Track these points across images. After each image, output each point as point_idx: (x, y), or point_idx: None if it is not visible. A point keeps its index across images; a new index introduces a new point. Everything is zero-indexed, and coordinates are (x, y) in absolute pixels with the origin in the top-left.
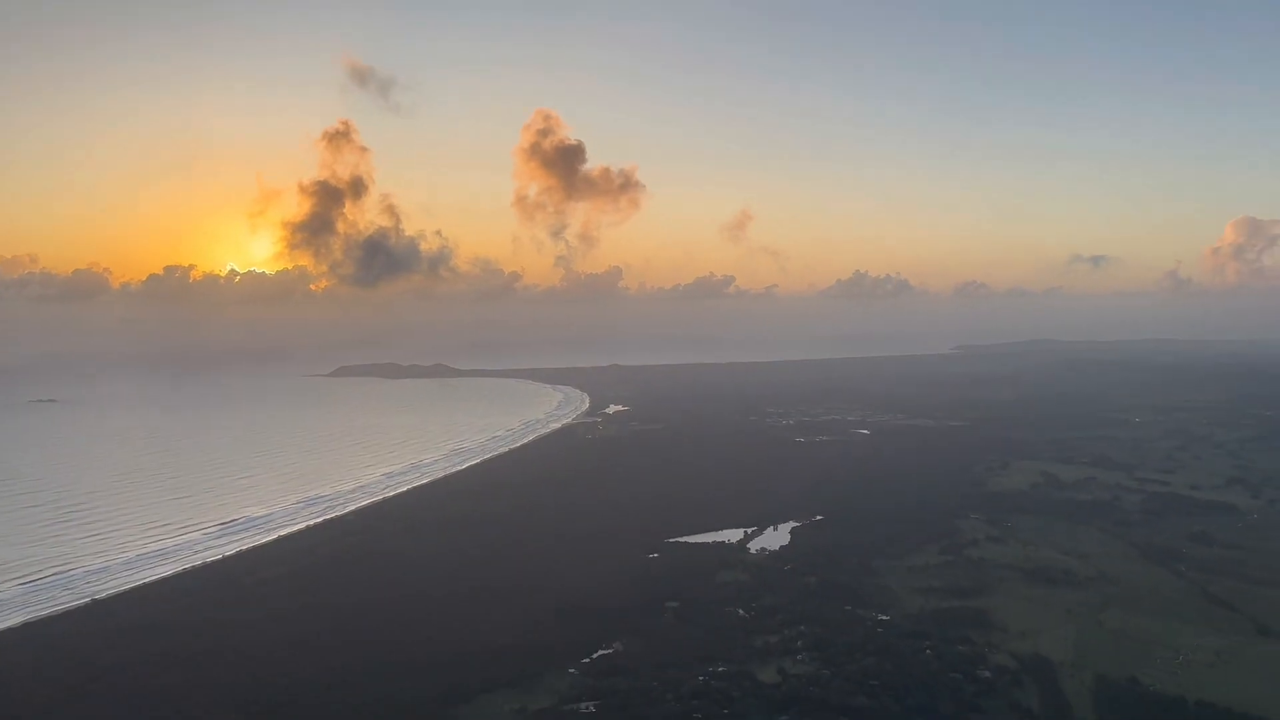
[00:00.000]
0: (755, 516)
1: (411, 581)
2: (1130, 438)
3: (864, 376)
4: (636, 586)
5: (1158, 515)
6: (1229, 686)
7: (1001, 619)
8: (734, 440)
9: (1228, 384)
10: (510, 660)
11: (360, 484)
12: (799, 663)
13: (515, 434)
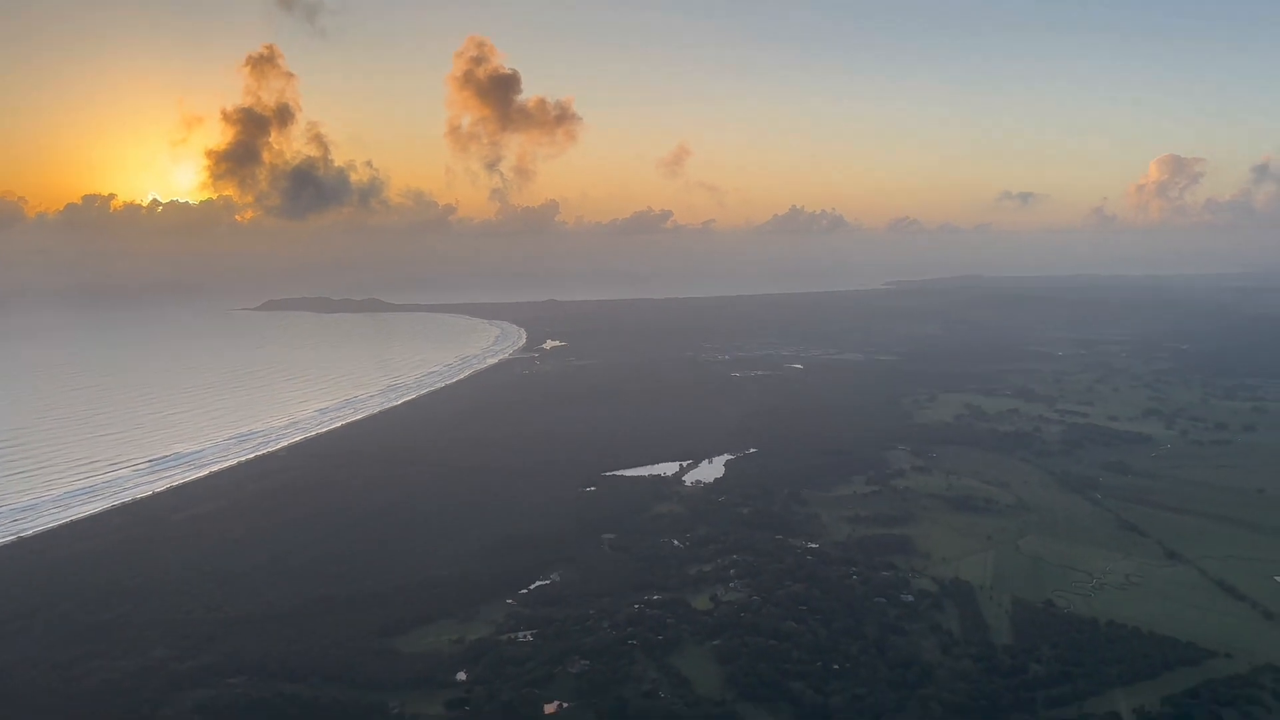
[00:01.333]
0: (690, 450)
1: (347, 517)
2: (1052, 371)
3: (799, 311)
4: (573, 519)
5: (1076, 445)
6: (1138, 607)
7: (925, 546)
8: (670, 375)
9: (1147, 318)
10: (448, 592)
11: (293, 420)
12: (731, 590)
13: (451, 369)
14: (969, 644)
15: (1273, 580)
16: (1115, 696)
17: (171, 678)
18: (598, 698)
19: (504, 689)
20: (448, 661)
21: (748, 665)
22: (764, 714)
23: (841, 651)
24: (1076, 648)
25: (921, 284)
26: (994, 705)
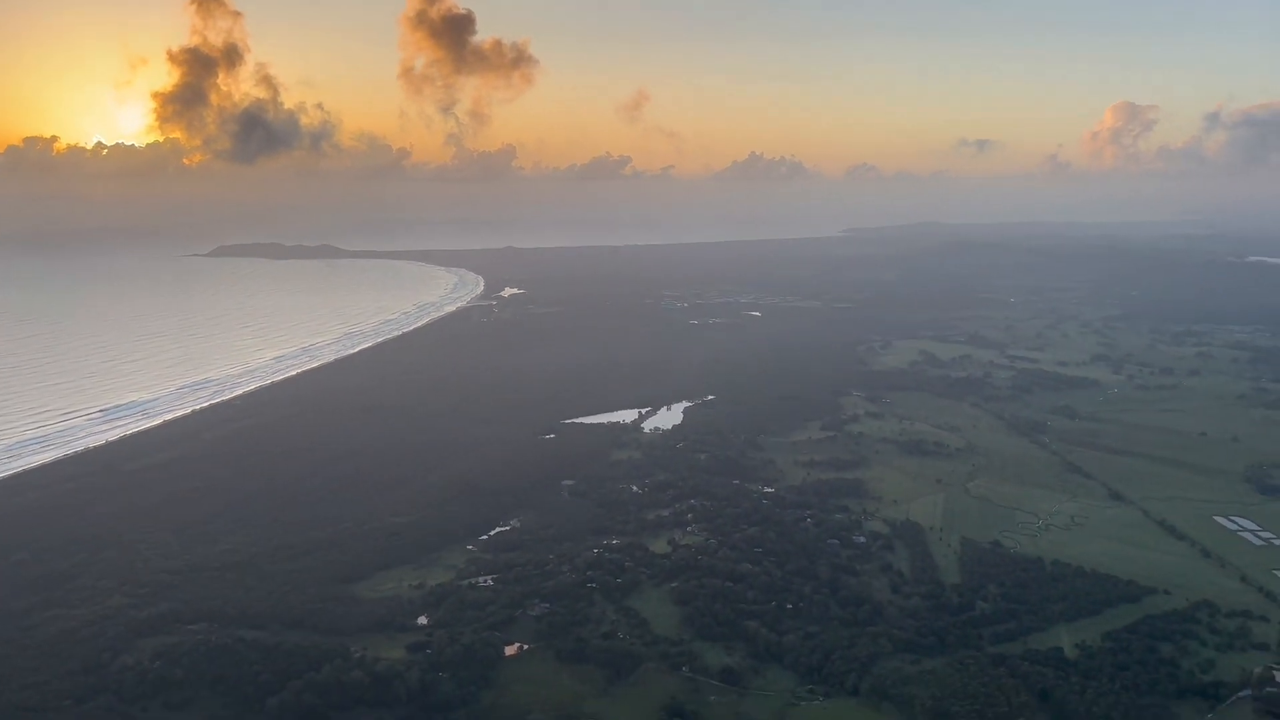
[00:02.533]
0: (649, 397)
1: (305, 465)
2: (1004, 317)
3: (757, 259)
4: (533, 466)
5: (1026, 390)
6: (1082, 547)
7: (877, 489)
8: (630, 323)
9: (1098, 265)
10: (408, 539)
11: (248, 368)
12: (689, 534)
13: (409, 317)
14: (918, 583)
15: (1212, 520)
16: (1059, 632)
17: (130, 625)
18: (557, 639)
19: (465, 632)
20: (408, 606)
21: (704, 606)
22: (720, 652)
23: (795, 592)
24: (1022, 586)
25: (878, 231)
26: (941, 641)
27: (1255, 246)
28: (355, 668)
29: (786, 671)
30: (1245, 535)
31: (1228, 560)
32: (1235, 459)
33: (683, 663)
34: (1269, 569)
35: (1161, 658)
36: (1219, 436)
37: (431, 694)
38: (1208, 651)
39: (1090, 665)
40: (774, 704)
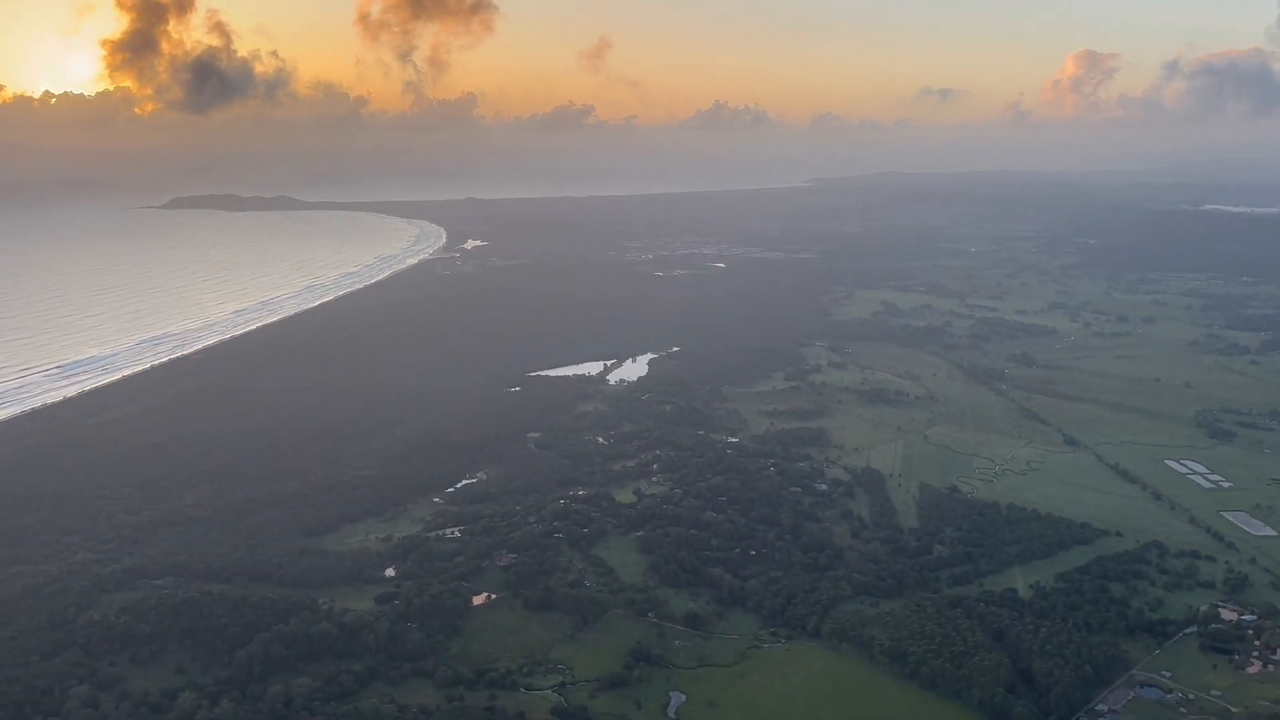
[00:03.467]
0: (614, 349)
1: (268, 419)
2: (965, 267)
3: (721, 209)
4: (498, 419)
5: (984, 339)
6: (1037, 491)
7: (839, 437)
8: (594, 275)
9: (1057, 214)
10: (374, 492)
11: (208, 322)
12: (654, 484)
13: (370, 270)
14: (878, 528)
15: (1163, 464)
16: (1013, 574)
17: (95, 581)
18: (525, 589)
19: (433, 583)
20: (376, 559)
21: (669, 553)
22: (684, 598)
23: (758, 538)
24: (978, 530)
25: (842, 181)
26: (900, 584)
27: (1211, 195)
28: (323, 619)
29: (749, 615)
30: (1195, 478)
31: (1177, 502)
32: (1187, 404)
33: (648, 609)
34: (1217, 510)
35: (1112, 597)
36: (1172, 382)
37: (400, 644)
38: (1157, 590)
39: (1043, 605)
40: (737, 647)
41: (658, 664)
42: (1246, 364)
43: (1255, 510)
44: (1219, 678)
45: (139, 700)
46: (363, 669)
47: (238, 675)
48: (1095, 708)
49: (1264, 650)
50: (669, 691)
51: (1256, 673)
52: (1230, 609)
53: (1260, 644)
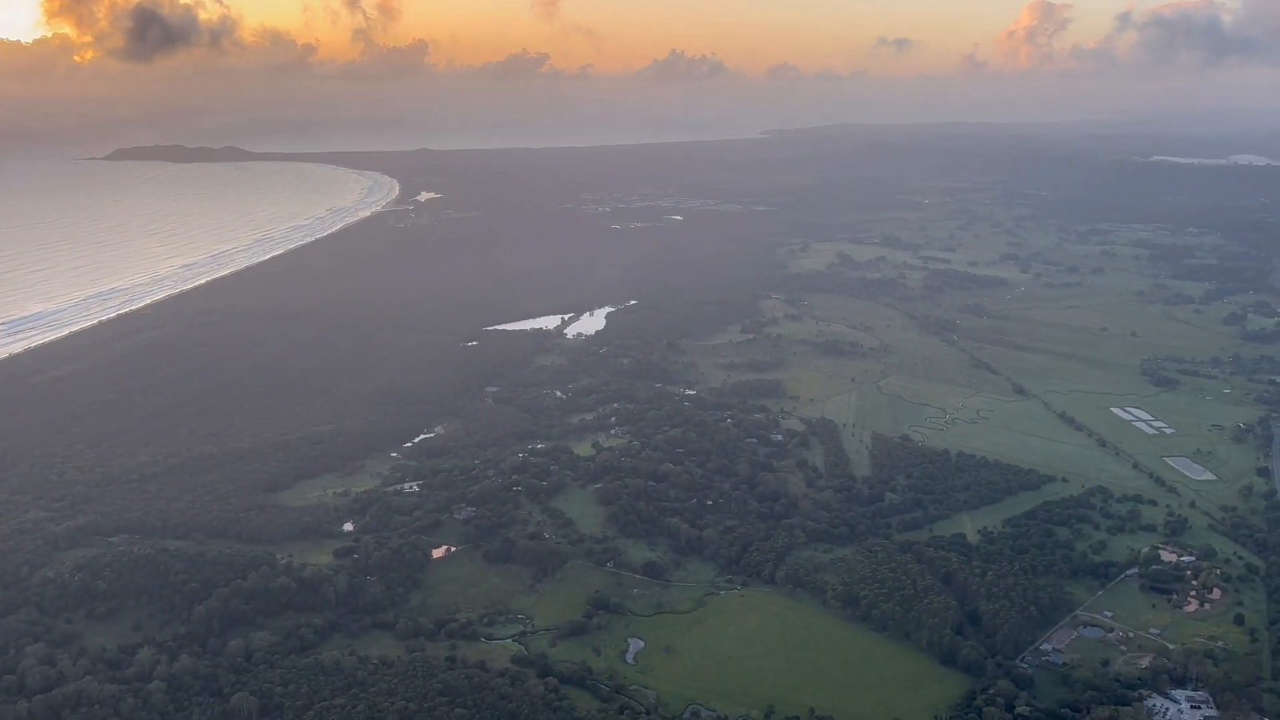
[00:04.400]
0: (572, 303)
1: (221, 375)
2: (919, 218)
3: (679, 162)
4: (456, 373)
5: (937, 290)
6: (986, 439)
7: (794, 388)
8: (551, 228)
9: (1010, 166)
10: (331, 447)
11: (156, 276)
12: (612, 436)
13: (322, 222)
14: (832, 477)
15: (1109, 411)
16: (962, 520)
17: (50, 539)
18: (485, 541)
19: (392, 537)
20: (334, 514)
21: (628, 505)
22: (643, 548)
23: (715, 489)
24: (929, 477)
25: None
26: (852, 531)
27: (1160, 146)
28: (282, 574)
29: (706, 564)
30: (1139, 425)
31: (1122, 449)
32: (1133, 353)
33: (607, 559)
34: (1159, 456)
35: (1058, 541)
36: (1118, 332)
37: (360, 597)
38: (1100, 534)
39: (991, 549)
40: (694, 594)
41: (616, 612)
42: (1191, 313)
43: (1196, 455)
44: (1158, 616)
45: (96, 657)
46: (323, 622)
47: (197, 630)
48: (1040, 647)
49: (1201, 590)
50: (628, 638)
51: (1194, 611)
52: (1170, 551)
53: (1198, 584)
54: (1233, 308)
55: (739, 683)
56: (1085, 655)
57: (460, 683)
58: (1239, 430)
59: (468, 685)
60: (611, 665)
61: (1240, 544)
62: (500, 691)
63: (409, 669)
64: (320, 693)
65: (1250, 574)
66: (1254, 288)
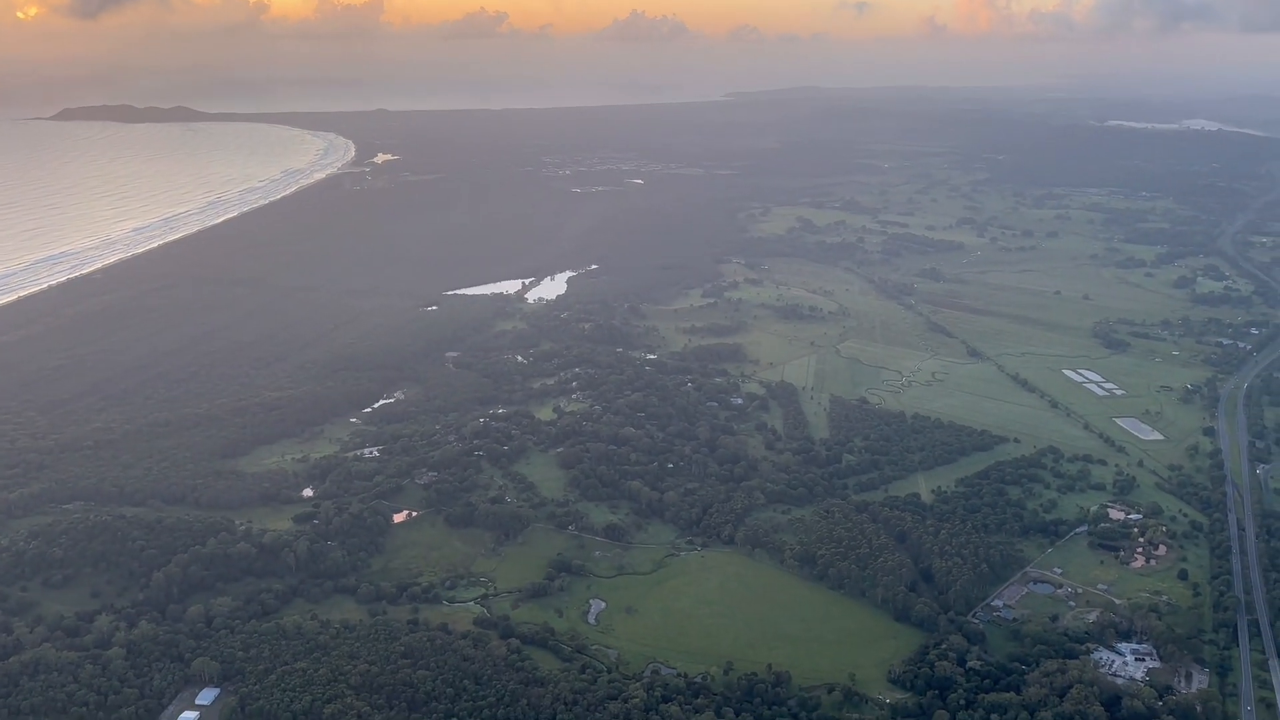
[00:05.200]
0: (533, 267)
1: (174, 340)
2: (878, 183)
3: (640, 124)
4: (415, 338)
5: (895, 254)
6: (941, 401)
7: (754, 352)
8: (511, 191)
9: (968, 130)
10: (290, 413)
11: (107, 240)
12: (574, 401)
13: (276, 185)
14: (791, 439)
15: (1061, 373)
16: (917, 480)
17: (3, 506)
18: (446, 505)
19: (352, 502)
20: (293, 480)
21: (589, 468)
22: (604, 511)
23: (676, 452)
24: (885, 439)
25: (760, 96)
26: (810, 492)
27: (1115, 110)
28: (241, 540)
29: (667, 526)
30: (1090, 386)
31: (1073, 410)
32: (1085, 316)
33: (569, 522)
34: (1109, 417)
35: (1009, 500)
36: (1071, 295)
37: (321, 562)
38: (1051, 493)
39: (944, 509)
40: (655, 555)
41: (578, 574)
42: (1142, 276)
43: (1145, 416)
44: (1105, 572)
45: (54, 624)
46: (284, 587)
47: (156, 597)
48: (991, 603)
49: (1147, 546)
50: (589, 600)
51: (1140, 567)
52: (1118, 509)
53: (1144, 540)
54: (1183, 271)
55: (699, 641)
56: (1035, 610)
57: (423, 645)
58: (1187, 391)
59: (430, 647)
60: (573, 626)
61: (1186, 502)
62: (463, 653)
63: (371, 632)
64: (282, 657)
65: (1195, 530)
66: (1204, 251)
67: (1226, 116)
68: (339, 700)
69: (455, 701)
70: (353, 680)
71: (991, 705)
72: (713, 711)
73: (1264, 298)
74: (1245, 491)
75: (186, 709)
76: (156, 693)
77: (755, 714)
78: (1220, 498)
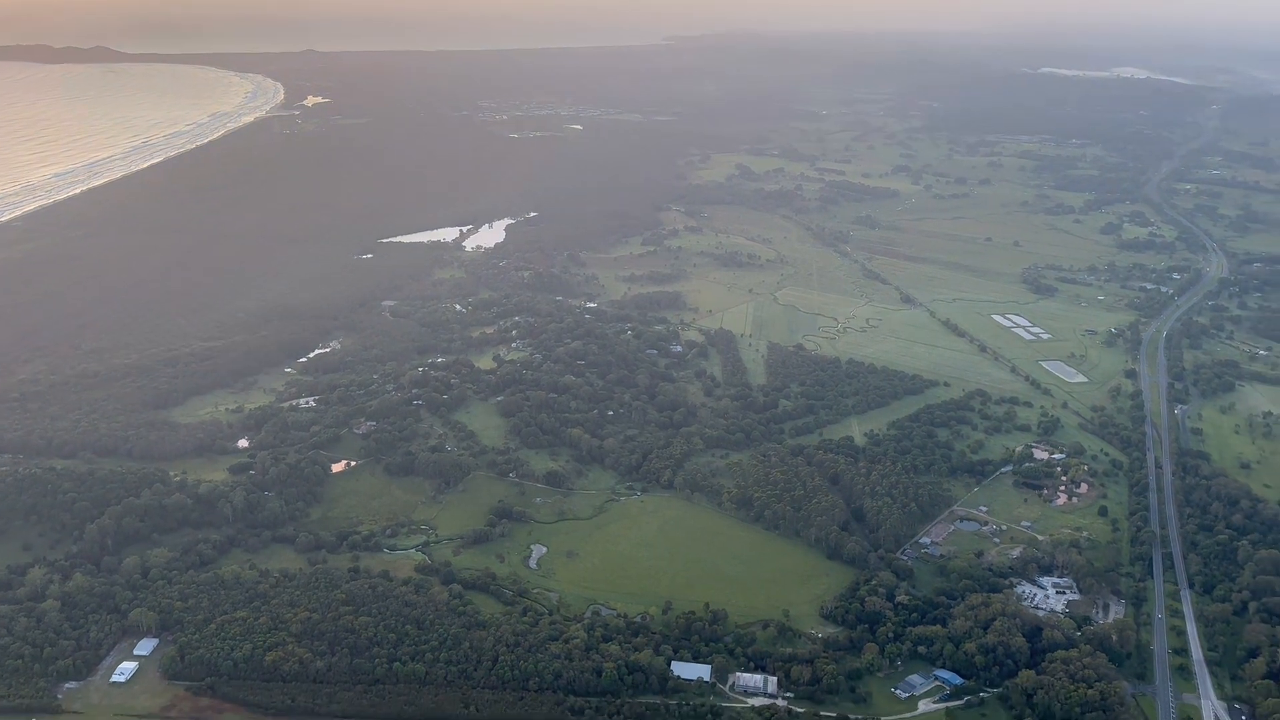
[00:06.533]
0: (470, 214)
1: (101, 289)
2: (816, 130)
3: (578, 69)
4: (350, 287)
5: (833, 202)
6: (875, 347)
7: (694, 300)
8: (447, 136)
9: (905, 76)
10: (222, 363)
11: (27, 186)
12: (514, 349)
13: (203, 129)
14: (729, 386)
15: (990, 318)
16: (850, 424)
17: None
18: (385, 455)
19: (289, 453)
20: (227, 430)
21: (529, 416)
22: (545, 458)
23: (616, 400)
24: (820, 384)
25: (699, 40)
26: (748, 437)
27: (1049, 58)
28: (176, 491)
29: (607, 472)
30: (1018, 331)
31: (1001, 354)
32: (1015, 262)
33: (510, 470)
34: (1036, 360)
35: (938, 441)
36: (1002, 241)
37: (258, 512)
38: (978, 434)
39: (876, 451)
40: (596, 501)
41: (519, 520)
42: (1071, 223)
43: (1070, 359)
44: (1029, 510)
45: None
46: (221, 538)
47: (90, 549)
48: (919, 540)
49: (1069, 485)
50: (530, 545)
51: (1062, 504)
52: (1042, 449)
53: (1067, 479)
54: (1110, 217)
55: (638, 582)
56: (961, 547)
57: (364, 592)
58: (1110, 335)
59: (371, 594)
60: (515, 571)
61: (1107, 441)
62: (404, 599)
63: (311, 581)
64: (221, 606)
65: (1115, 469)
66: (1131, 198)
67: (1156, 64)
68: (281, 648)
69: (398, 646)
70: (294, 628)
71: (918, 638)
72: (651, 649)
73: (1186, 243)
74: (1164, 431)
75: (125, 659)
76: (94, 644)
77: (693, 650)
78: (1140, 437)
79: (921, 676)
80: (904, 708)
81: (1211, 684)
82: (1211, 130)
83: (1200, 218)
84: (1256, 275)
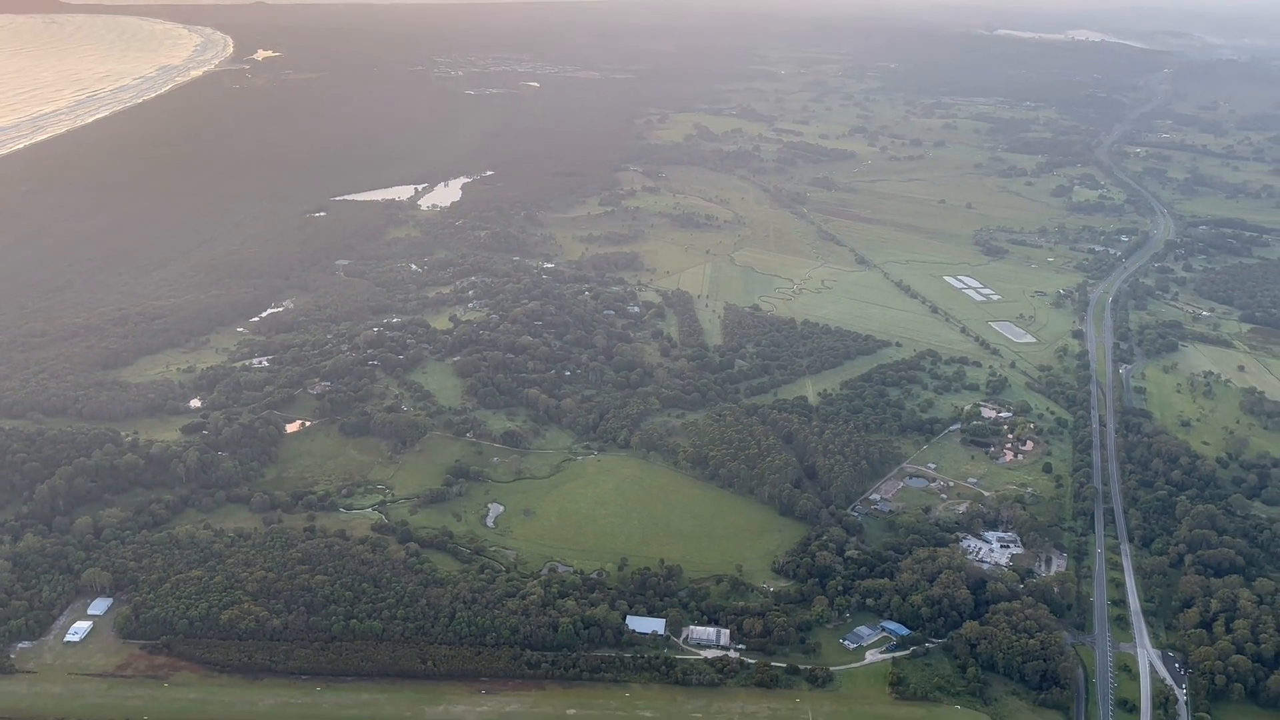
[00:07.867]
0: (426, 173)
1: (46, 247)
2: (775, 90)
3: (536, 23)
4: (303, 245)
5: (790, 163)
6: (829, 308)
7: (651, 261)
8: (401, 92)
9: (862, 36)
10: (173, 322)
11: None
12: (470, 310)
13: (151, 83)
14: (686, 346)
15: (942, 280)
16: (804, 383)
17: None
18: (341, 415)
19: (243, 413)
20: (179, 390)
21: (486, 377)
22: (502, 418)
23: (573, 360)
24: (775, 345)
25: None
26: (704, 397)
27: (1005, 19)
28: (128, 451)
29: (564, 432)
30: (969, 292)
31: (952, 315)
32: (967, 224)
33: (466, 429)
34: (985, 321)
35: (889, 400)
36: (956, 204)
37: (211, 472)
38: (928, 394)
39: (829, 410)
40: (553, 460)
41: (476, 480)
42: (1023, 185)
43: (1019, 320)
44: (976, 467)
45: None
46: (174, 498)
47: (40, 509)
48: (869, 497)
49: (1015, 442)
50: (488, 504)
51: (1009, 461)
52: (990, 408)
53: (1013, 437)
54: (1061, 180)
55: (595, 540)
56: (909, 503)
57: (320, 551)
58: (1059, 296)
59: (328, 553)
60: (472, 529)
61: (1053, 400)
62: (361, 558)
63: (266, 540)
64: (175, 566)
65: (1060, 427)
66: (1082, 161)
67: (1110, 27)
68: (236, 606)
69: (354, 604)
70: (249, 587)
71: (867, 590)
72: (607, 604)
73: (1135, 206)
74: (1108, 390)
75: (79, 619)
76: (46, 604)
77: (648, 605)
78: (1085, 396)
79: (869, 628)
80: (852, 658)
81: (1147, 633)
82: (1163, 94)
83: (1149, 181)
84: (1202, 238)
